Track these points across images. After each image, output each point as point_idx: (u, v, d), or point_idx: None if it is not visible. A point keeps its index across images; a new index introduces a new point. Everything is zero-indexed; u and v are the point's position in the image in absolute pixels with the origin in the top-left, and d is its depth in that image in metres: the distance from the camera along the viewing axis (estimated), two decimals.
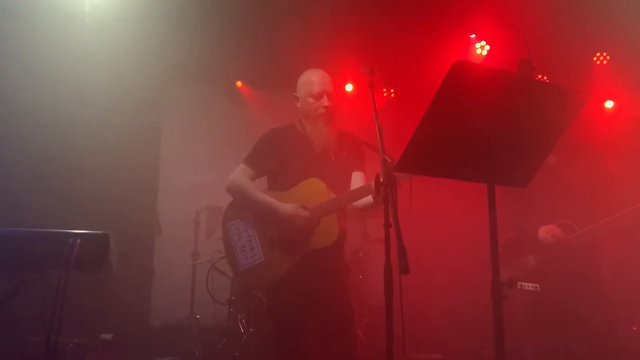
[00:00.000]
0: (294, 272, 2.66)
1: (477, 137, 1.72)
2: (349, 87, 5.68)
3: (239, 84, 6.27)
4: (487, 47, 5.03)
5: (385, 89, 4.72)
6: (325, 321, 2.66)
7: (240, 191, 2.86)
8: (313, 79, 2.88)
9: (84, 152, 5.12)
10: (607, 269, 3.41)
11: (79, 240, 2.55)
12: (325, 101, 2.84)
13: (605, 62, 5.19)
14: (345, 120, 3.17)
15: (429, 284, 4.74)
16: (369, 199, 2.66)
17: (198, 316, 5.03)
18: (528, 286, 3.28)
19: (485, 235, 1.85)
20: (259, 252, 2.77)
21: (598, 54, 5.21)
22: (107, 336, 4.67)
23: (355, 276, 4.67)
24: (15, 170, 4.76)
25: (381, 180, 1.95)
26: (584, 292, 3.16)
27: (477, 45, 5.02)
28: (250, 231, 2.82)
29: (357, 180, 2.86)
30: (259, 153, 2.92)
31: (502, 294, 1.75)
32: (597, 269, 3.28)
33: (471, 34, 5.11)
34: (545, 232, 3.28)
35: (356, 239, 4.97)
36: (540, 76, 3.45)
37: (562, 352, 3.20)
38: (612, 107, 5.19)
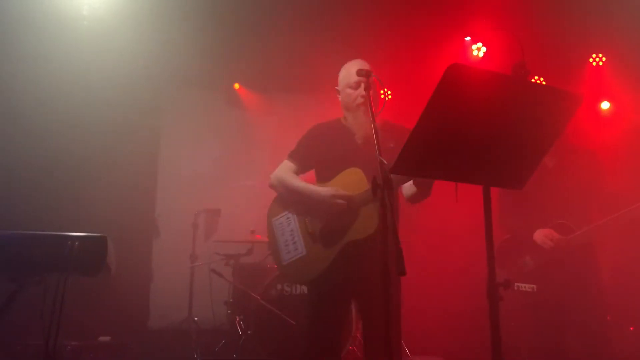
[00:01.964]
0: (335, 264, 2.64)
1: (473, 139, 1.73)
2: None
3: (236, 86, 6.28)
4: (484, 49, 5.04)
5: (381, 91, 4.74)
6: (367, 311, 2.66)
7: (280, 183, 2.90)
8: (350, 70, 2.79)
9: (83, 155, 5.12)
10: (604, 269, 3.42)
11: (77, 243, 2.55)
12: (362, 90, 2.74)
13: (601, 63, 5.21)
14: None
15: (426, 286, 4.74)
16: (413, 188, 2.61)
17: (196, 318, 5.03)
18: (525, 287, 3.29)
19: (482, 236, 1.86)
20: (301, 245, 2.78)
21: (594, 56, 5.23)
22: (105, 339, 4.67)
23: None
24: (13, 173, 4.76)
25: (378, 182, 1.95)
26: (581, 292, 3.17)
27: (474, 47, 5.04)
28: (292, 225, 2.85)
29: None
30: (302, 147, 2.95)
31: (498, 295, 1.75)
32: (594, 269, 3.29)
33: (467, 36, 5.12)
34: (543, 236, 3.28)
35: None
36: (536, 78, 3.47)
37: (559, 352, 3.21)
38: (608, 108, 5.21)
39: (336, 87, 2.98)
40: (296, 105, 6.15)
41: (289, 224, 2.87)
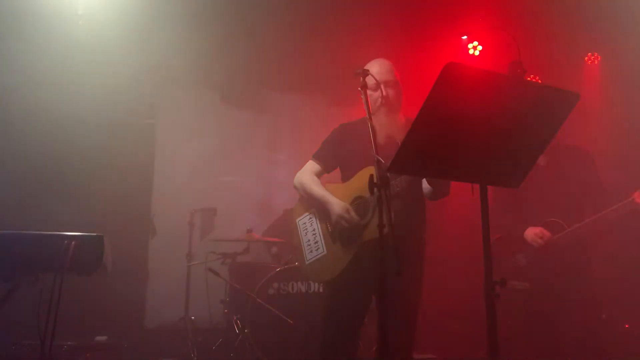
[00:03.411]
0: (352, 264, 2.67)
1: (470, 137, 1.73)
2: None
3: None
4: (480, 48, 5.05)
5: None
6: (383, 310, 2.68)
7: (301, 186, 2.94)
8: (372, 71, 2.78)
9: (78, 154, 5.10)
10: (597, 266, 3.45)
11: (73, 243, 2.55)
12: (382, 91, 2.81)
13: (596, 62, 5.23)
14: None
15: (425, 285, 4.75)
16: (429, 186, 2.63)
17: (193, 317, 5.02)
18: (519, 285, 3.31)
19: (476, 235, 1.87)
20: (322, 245, 2.83)
21: (589, 54, 5.25)
22: (102, 338, 4.66)
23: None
24: (8, 173, 4.74)
25: (375, 181, 1.96)
26: (574, 290, 3.19)
27: (470, 46, 5.05)
28: (314, 225, 2.90)
29: None
30: (326, 148, 2.99)
31: (494, 293, 1.76)
32: (587, 267, 3.31)
33: (463, 35, 5.13)
34: (533, 234, 3.30)
35: None
36: (531, 77, 3.48)
37: (553, 350, 3.22)
38: (602, 107, 5.22)
39: (358, 88, 3.00)
40: (291, 104, 6.15)
41: (311, 224, 2.93)
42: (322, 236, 2.86)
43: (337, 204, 2.73)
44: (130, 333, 4.99)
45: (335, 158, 2.95)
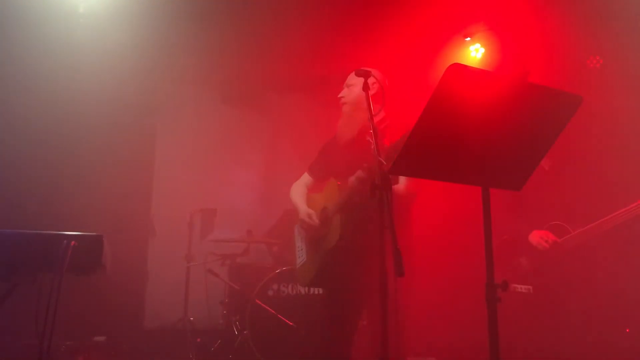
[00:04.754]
0: (320, 270, 2.82)
1: (472, 140, 1.72)
2: None
3: None
4: (482, 50, 5.04)
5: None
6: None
7: (291, 196, 3.15)
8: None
9: (78, 154, 5.10)
10: (600, 270, 3.43)
11: (72, 242, 2.54)
12: (342, 94, 3.01)
13: (598, 65, 5.21)
14: None
15: (423, 287, 4.73)
16: None
17: (192, 318, 5.01)
18: (521, 288, 3.30)
19: (478, 238, 1.85)
20: (304, 252, 3.00)
21: (591, 57, 5.23)
22: (100, 339, 4.65)
23: None
24: (7, 172, 4.73)
25: (376, 182, 1.95)
26: (577, 294, 3.17)
27: (472, 48, 5.03)
28: (302, 233, 3.06)
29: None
30: (318, 160, 3.17)
31: (496, 296, 1.75)
32: (590, 271, 3.29)
33: (466, 37, 5.12)
34: (539, 237, 3.28)
35: None
36: (534, 79, 3.47)
37: (554, 353, 3.21)
38: (605, 110, 5.20)
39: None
40: (292, 105, 6.14)
41: (300, 232, 3.10)
42: (305, 243, 3.01)
43: (302, 210, 2.94)
44: (129, 333, 4.98)
45: (326, 169, 3.06)
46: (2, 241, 2.56)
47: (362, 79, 2.71)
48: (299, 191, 3.13)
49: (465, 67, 1.57)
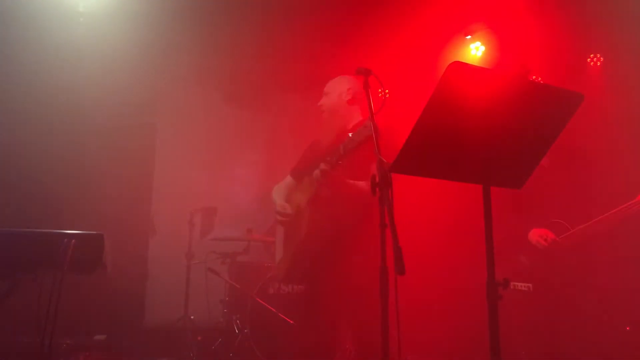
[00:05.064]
0: (292, 265, 2.96)
1: (473, 138, 1.72)
2: None
3: None
4: (482, 48, 5.03)
5: (380, 90, 4.72)
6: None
7: (272, 195, 3.26)
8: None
9: (78, 152, 5.10)
10: (600, 268, 3.43)
11: (73, 241, 2.54)
12: (321, 102, 3.14)
13: (599, 63, 5.21)
14: None
15: (424, 285, 4.73)
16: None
17: (192, 317, 5.02)
18: (521, 286, 3.29)
19: (479, 236, 1.85)
20: (282, 248, 3.11)
21: (592, 55, 5.23)
22: (101, 337, 4.65)
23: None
24: (8, 171, 4.73)
25: (377, 180, 1.95)
26: (576, 292, 3.17)
27: (472, 46, 5.03)
28: (281, 229, 3.17)
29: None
30: (299, 163, 3.29)
31: (497, 295, 1.75)
32: (590, 268, 3.29)
33: (466, 35, 5.12)
34: (538, 235, 3.28)
35: None
36: (534, 77, 3.47)
37: (554, 351, 3.21)
38: (605, 108, 5.20)
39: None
40: (292, 104, 6.14)
41: (279, 229, 3.23)
42: (282, 239, 3.16)
43: (278, 203, 3.11)
44: (130, 332, 4.99)
45: (306, 172, 3.12)
46: (3, 240, 2.56)
47: (338, 87, 3.07)
48: (279, 190, 3.25)
49: (465, 65, 1.57)
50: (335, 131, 3.03)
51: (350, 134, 2.42)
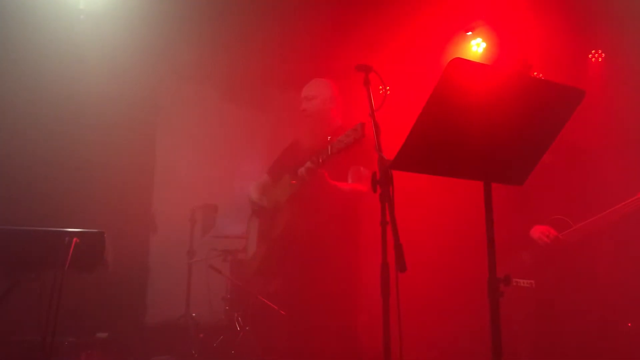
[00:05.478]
0: (266, 259, 3.05)
1: (474, 134, 1.71)
2: None
3: None
4: (483, 45, 5.02)
5: (381, 87, 4.70)
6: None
7: (249, 192, 3.35)
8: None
9: (79, 151, 5.08)
10: (602, 265, 3.43)
11: (74, 239, 2.54)
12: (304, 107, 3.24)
13: (600, 59, 5.19)
14: None
15: (426, 283, 4.73)
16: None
17: (194, 314, 5.02)
18: (523, 282, 3.29)
19: (481, 233, 1.85)
20: (255, 243, 3.16)
21: (593, 52, 5.21)
22: (102, 335, 4.65)
23: None
24: (9, 169, 4.73)
25: (378, 178, 1.94)
26: (578, 288, 3.17)
27: (473, 42, 5.01)
28: (256, 223, 3.24)
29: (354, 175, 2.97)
30: (276, 162, 3.39)
31: (499, 291, 1.75)
32: (592, 265, 3.29)
33: (467, 32, 5.10)
34: (540, 232, 3.28)
35: None
36: (535, 73, 3.45)
37: (556, 347, 3.21)
38: (606, 105, 5.18)
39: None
40: (292, 102, 6.12)
41: (253, 223, 3.34)
42: (256, 234, 3.23)
43: (254, 195, 3.22)
44: (132, 330, 4.99)
45: (283, 171, 3.21)
46: (4, 238, 2.57)
47: (322, 92, 3.17)
48: (257, 188, 3.35)
49: (466, 61, 1.56)
50: (317, 135, 3.09)
51: (341, 136, 2.45)
